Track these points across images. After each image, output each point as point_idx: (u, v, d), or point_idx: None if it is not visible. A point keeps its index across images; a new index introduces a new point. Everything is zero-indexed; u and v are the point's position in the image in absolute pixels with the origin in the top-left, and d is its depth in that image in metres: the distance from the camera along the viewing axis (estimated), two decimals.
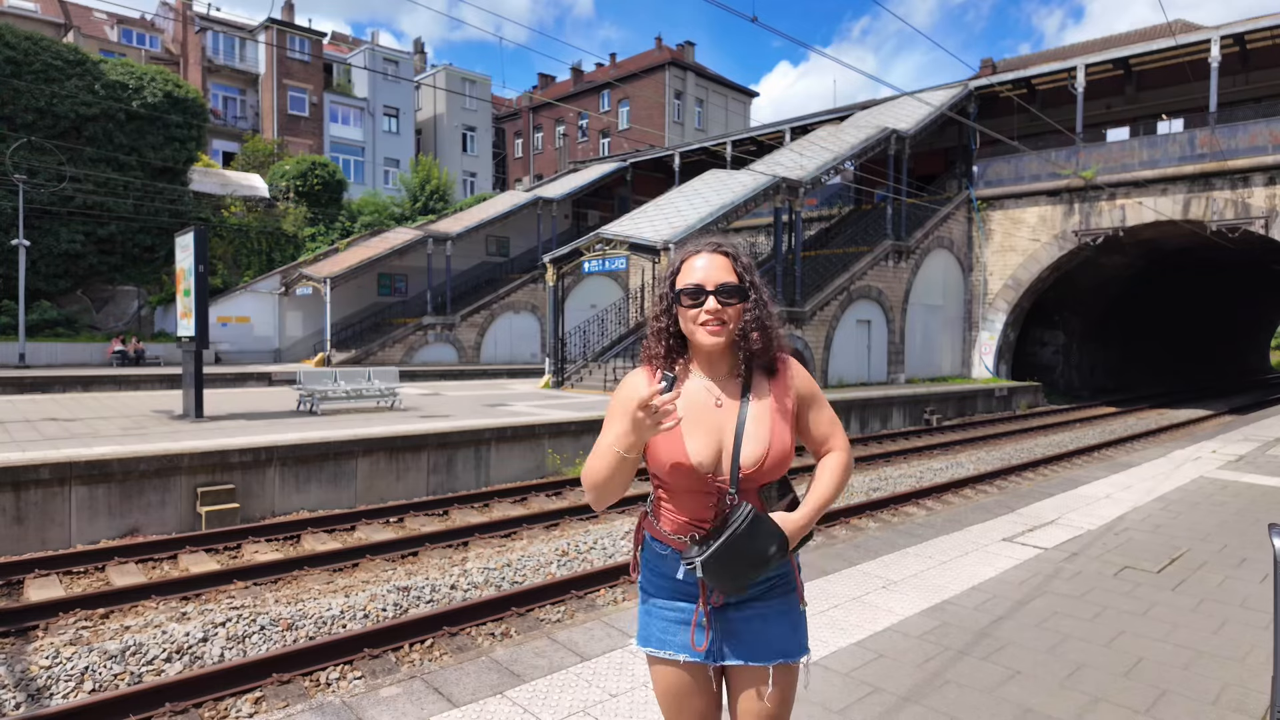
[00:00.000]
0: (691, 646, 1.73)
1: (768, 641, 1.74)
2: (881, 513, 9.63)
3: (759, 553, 1.66)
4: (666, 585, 1.78)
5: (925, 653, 3.69)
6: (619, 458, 1.61)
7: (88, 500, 8.12)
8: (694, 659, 1.74)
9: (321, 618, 5.79)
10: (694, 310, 1.69)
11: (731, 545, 1.63)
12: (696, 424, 1.70)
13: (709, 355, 1.75)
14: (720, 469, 1.69)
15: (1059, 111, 24.30)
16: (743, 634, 1.74)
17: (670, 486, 1.74)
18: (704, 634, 1.73)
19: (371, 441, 10.23)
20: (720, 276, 1.69)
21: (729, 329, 1.70)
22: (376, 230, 32.81)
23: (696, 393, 1.74)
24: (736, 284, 1.70)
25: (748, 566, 1.66)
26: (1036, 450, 15.27)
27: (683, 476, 1.69)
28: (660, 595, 1.79)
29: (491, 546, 8.22)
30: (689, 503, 1.73)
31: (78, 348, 25.48)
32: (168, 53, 40.15)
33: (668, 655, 1.75)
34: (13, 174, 24.32)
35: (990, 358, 25.27)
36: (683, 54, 49.81)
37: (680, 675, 1.76)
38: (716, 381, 1.75)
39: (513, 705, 3.12)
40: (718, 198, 19.48)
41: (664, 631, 1.77)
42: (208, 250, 12.54)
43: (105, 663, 4.95)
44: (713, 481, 1.69)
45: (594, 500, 1.71)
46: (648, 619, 1.81)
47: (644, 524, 1.85)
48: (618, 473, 1.64)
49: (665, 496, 1.77)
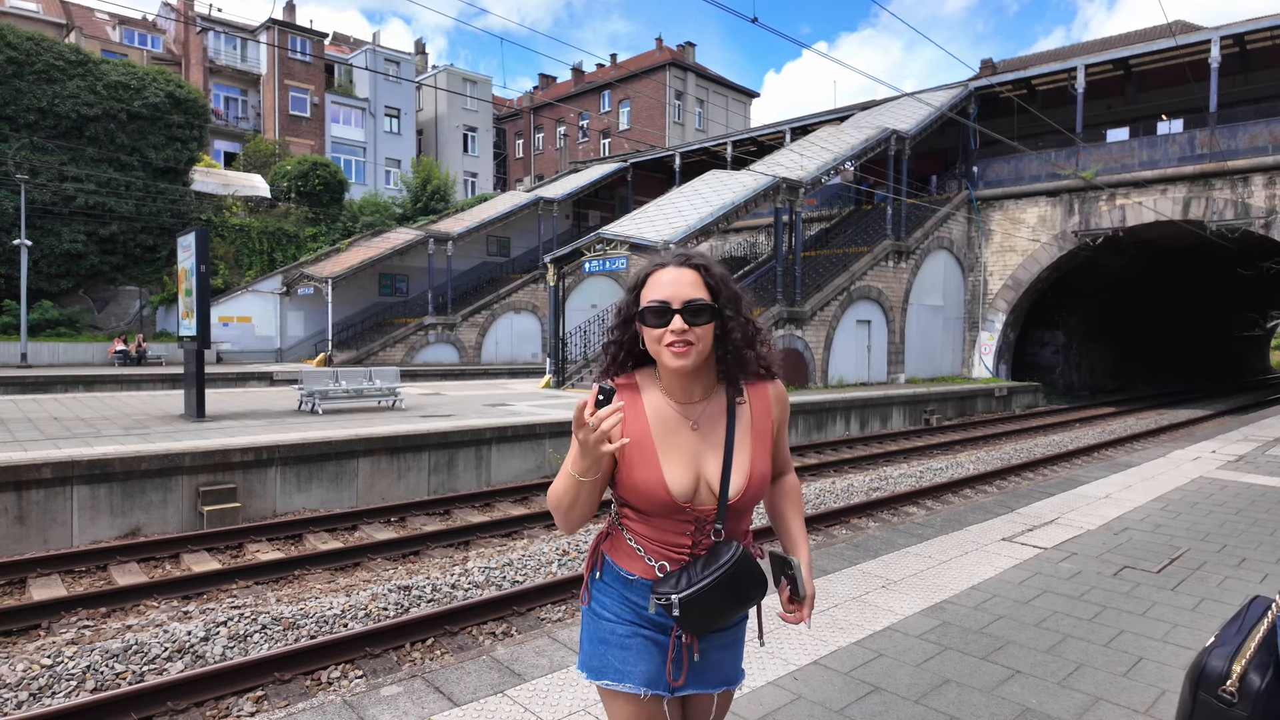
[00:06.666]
0: (668, 681, 1.59)
1: (717, 669, 1.65)
2: (881, 512, 9.64)
3: (743, 596, 1.54)
4: (628, 613, 1.61)
5: (925, 652, 3.70)
6: (575, 481, 1.48)
7: (89, 500, 8.14)
8: (656, 693, 1.59)
9: (323, 617, 5.81)
10: (659, 330, 1.51)
11: (717, 587, 1.49)
12: (673, 449, 1.56)
13: (680, 376, 1.58)
14: (699, 499, 1.55)
15: (1059, 112, 24.30)
16: (698, 664, 1.63)
17: (644, 513, 1.58)
18: (680, 669, 1.60)
19: (373, 441, 10.24)
20: (688, 293, 1.51)
21: (697, 349, 1.51)
22: (378, 230, 32.83)
23: (669, 416, 1.58)
24: (706, 302, 1.52)
25: (729, 609, 1.54)
26: (1036, 450, 15.26)
27: (658, 505, 1.55)
28: (620, 623, 1.61)
29: (493, 546, 8.24)
30: (661, 529, 1.58)
31: (79, 348, 25.51)
32: (169, 53, 40.19)
33: (627, 689, 1.58)
34: (15, 174, 24.36)
35: (990, 358, 25.27)
36: (683, 54, 49.82)
37: (641, 709, 1.60)
38: (691, 404, 1.60)
39: (513, 704, 3.13)
40: (718, 198, 19.49)
41: (623, 663, 1.59)
42: (209, 250, 12.57)
43: (107, 662, 4.97)
44: (691, 511, 1.55)
45: (560, 523, 1.57)
46: (600, 648, 1.62)
47: (603, 546, 1.68)
48: (579, 497, 1.50)
49: (633, 519, 1.61)
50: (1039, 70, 24.62)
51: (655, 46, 51.28)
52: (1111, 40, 29.91)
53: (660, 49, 50.22)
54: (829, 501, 10.10)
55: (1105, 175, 22.36)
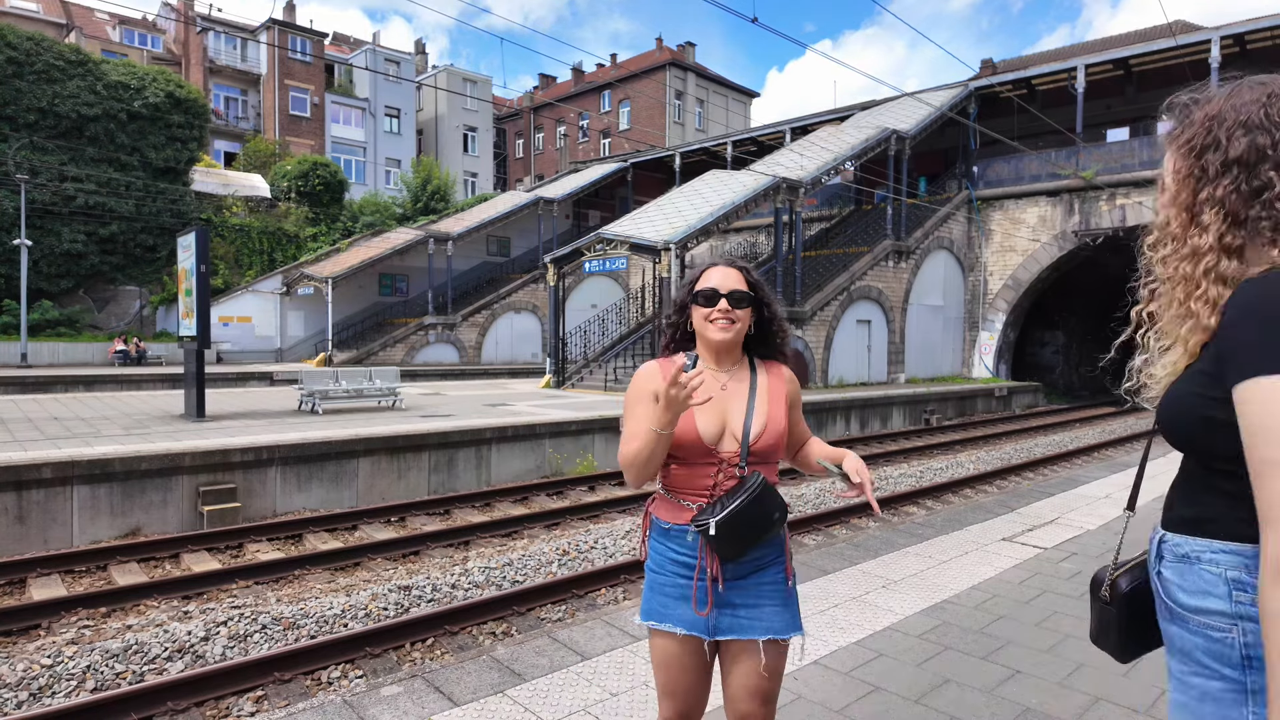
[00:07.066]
0: (694, 613, 1.88)
1: (759, 618, 1.89)
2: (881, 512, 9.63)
3: (766, 518, 1.85)
4: (669, 562, 1.94)
5: (925, 652, 3.70)
6: (655, 435, 1.79)
7: (90, 500, 8.14)
8: (691, 632, 1.89)
9: (323, 617, 5.80)
10: (708, 310, 1.94)
11: (744, 510, 1.81)
12: (705, 405, 1.90)
13: (716, 351, 1.98)
14: (723, 444, 1.90)
15: (1059, 112, 24.29)
16: (738, 610, 1.89)
17: (680, 460, 1.92)
18: (705, 600, 1.88)
19: (373, 441, 10.25)
20: (733, 284, 1.95)
21: (737, 328, 1.94)
22: (378, 230, 32.83)
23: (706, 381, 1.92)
24: (746, 292, 1.96)
25: (754, 531, 1.84)
26: (1036, 450, 15.26)
27: (690, 449, 1.89)
28: (663, 572, 1.94)
29: (493, 546, 8.23)
30: (693, 472, 1.92)
31: (79, 347, 25.51)
32: (169, 53, 40.19)
33: (667, 628, 1.91)
34: (15, 174, 24.36)
35: (990, 358, 25.27)
36: (683, 54, 49.82)
37: (677, 647, 1.91)
38: (722, 371, 1.99)
39: (514, 704, 3.13)
40: (718, 198, 19.49)
41: (664, 606, 1.92)
42: (209, 250, 12.58)
43: (107, 661, 4.96)
44: (717, 454, 1.89)
45: (634, 477, 1.88)
46: (650, 595, 1.96)
47: (650, 508, 2.02)
48: (655, 451, 1.81)
49: (673, 470, 1.94)
50: (1039, 70, 24.61)
51: (655, 46, 51.28)
52: (1111, 40, 29.91)
53: (660, 49, 50.22)
54: (829, 501, 10.10)
55: (1105, 175, 22.35)
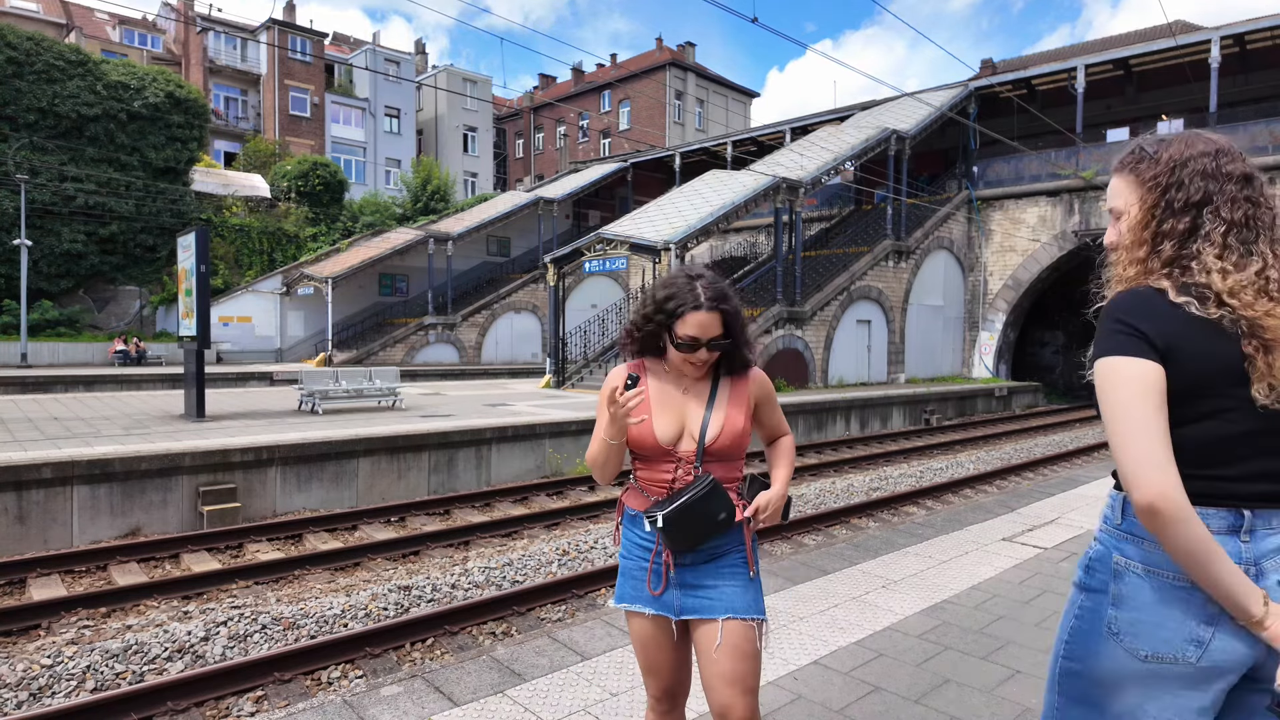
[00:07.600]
0: (649, 592, 2.01)
1: (720, 598, 1.99)
2: (881, 512, 9.64)
3: (711, 516, 1.94)
4: (635, 547, 2.07)
5: (925, 652, 3.70)
6: (606, 444, 1.97)
7: (90, 500, 8.14)
8: (660, 612, 2.02)
9: (323, 617, 5.80)
10: (687, 353, 1.99)
11: (691, 506, 1.92)
12: (664, 407, 2.04)
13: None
14: (681, 444, 2.02)
15: (1059, 112, 24.29)
16: (698, 592, 2.01)
17: (642, 458, 2.06)
18: (659, 580, 2.01)
19: (373, 441, 10.25)
20: (714, 332, 1.98)
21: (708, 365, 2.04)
22: (378, 230, 32.83)
23: (667, 385, 2.08)
24: (722, 339, 2.00)
25: (701, 527, 1.95)
26: (1036, 450, 15.27)
27: (650, 450, 2.02)
28: (630, 557, 2.09)
29: (492, 546, 8.24)
30: (654, 469, 2.04)
31: (79, 347, 25.51)
32: (169, 53, 40.19)
33: (637, 609, 2.04)
34: (15, 174, 24.36)
35: (990, 358, 25.27)
36: (683, 54, 49.81)
37: (650, 626, 2.04)
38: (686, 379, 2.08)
39: (513, 704, 3.13)
40: (718, 198, 19.49)
41: (634, 589, 2.06)
42: (209, 250, 12.58)
43: (107, 661, 4.96)
44: (674, 454, 2.01)
45: (597, 477, 2.05)
46: (622, 579, 2.10)
47: (622, 497, 2.15)
48: (610, 456, 1.99)
49: (640, 466, 2.08)
50: (1039, 70, 24.61)
51: (655, 46, 51.27)
52: (1111, 40, 29.91)
53: (660, 49, 50.21)
54: (829, 501, 10.10)
55: (1105, 175, 22.32)
